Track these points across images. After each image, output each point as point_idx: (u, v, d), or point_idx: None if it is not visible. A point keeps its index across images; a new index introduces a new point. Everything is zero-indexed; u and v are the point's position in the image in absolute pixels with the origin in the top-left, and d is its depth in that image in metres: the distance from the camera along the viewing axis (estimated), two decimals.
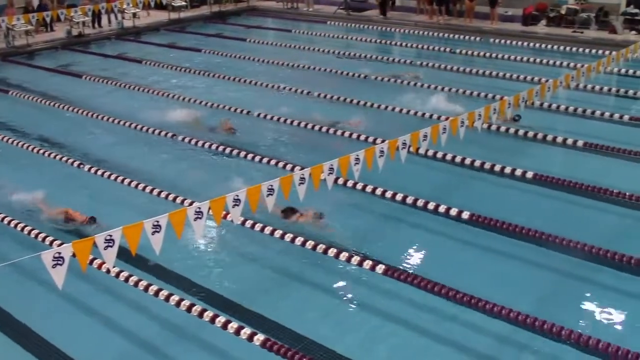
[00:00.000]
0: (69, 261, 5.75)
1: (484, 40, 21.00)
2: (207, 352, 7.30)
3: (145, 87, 16.93)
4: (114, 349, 7.41)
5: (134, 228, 6.17)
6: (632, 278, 8.26)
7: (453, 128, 9.41)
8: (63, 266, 5.70)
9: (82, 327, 7.80)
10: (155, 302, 7.87)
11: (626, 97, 15.40)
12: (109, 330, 7.70)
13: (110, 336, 7.59)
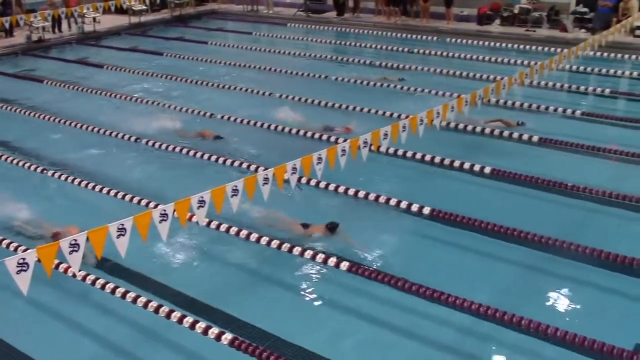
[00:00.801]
0: (33, 267, 5.63)
1: (441, 39, 21.17)
2: (176, 352, 7.21)
3: (107, 91, 16.67)
4: (83, 353, 7.28)
5: (99, 232, 6.07)
6: (587, 267, 8.40)
7: (412, 126, 9.46)
8: (27, 272, 5.58)
9: (50, 331, 7.65)
10: (123, 304, 7.76)
11: (578, 93, 15.68)
12: (77, 334, 7.57)
13: (78, 340, 7.47)
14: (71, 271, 7.74)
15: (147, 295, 7.78)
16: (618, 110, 14.84)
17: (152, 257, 8.78)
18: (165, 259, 8.92)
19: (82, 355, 7.27)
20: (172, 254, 9.06)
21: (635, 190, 10.03)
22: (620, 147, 11.86)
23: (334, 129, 12.98)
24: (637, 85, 16.63)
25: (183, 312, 7.43)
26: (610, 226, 9.67)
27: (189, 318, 7.32)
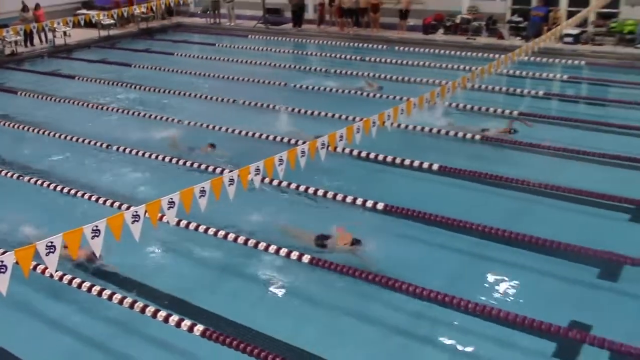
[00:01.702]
0: (11, 268, 5.51)
1: (390, 48, 21.31)
2: (152, 344, 7.17)
3: (79, 100, 16.39)
4: (61, 349, 7.18)
5: (74, 233, 5.97)
6: (525, 253, 8.57)
7: (365, 128, 9.52)
8: (6, 274, 5.45)
9: (29, 330, 7.54)
10: (99, 301, 7.66)
11: (514, 95, 15.98)
12: (55, 331, 7.47)
13: (57, 337, 7.39)
14: (48, 272, 7.59)
15: (121, 292, 7.69)
16: (551, 109, 15.16)
17: (126, 256, 8.64)
18: (138, 258, 8.80)
19: (60, 351, 7.17)
20: (144, 252, 8.96)
21: (567, 182, 10.26)
22: (554, 144, 12.12)
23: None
24: (567, 87, 17.04)
25: (156, 307, 7.36)
26: (545, 215, 9.87)
27: (162, 312, 7.25)
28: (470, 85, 12.84)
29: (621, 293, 7.81)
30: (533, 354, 6.84)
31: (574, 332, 6.76)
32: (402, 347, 7.08)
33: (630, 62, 18.36)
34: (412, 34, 22.74)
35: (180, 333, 7.04)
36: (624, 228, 9.35)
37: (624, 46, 19.32)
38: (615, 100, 15.52)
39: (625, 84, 16.51)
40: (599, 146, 11.90)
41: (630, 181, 10.78)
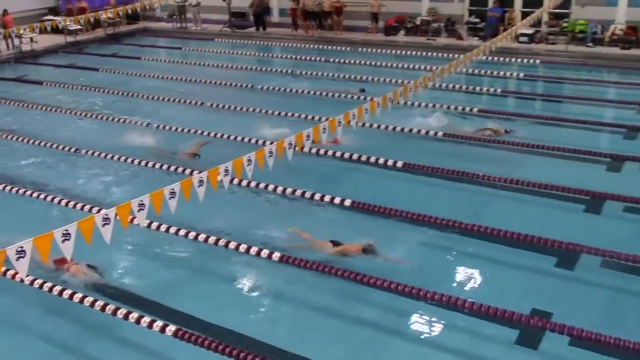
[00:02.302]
0: None
1: (353, 49, 21.35)
2: (125, 346, 7.05)
3: (47, 105, 16.05)
4: (34, 355, 7.04)
5: (44, 238, 5.83)
6: (488, 245, 8.65)
7: (332, 127, 9.51)
8: None
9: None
10: (70, 304, 7.50)
11: (473, 93, 16.14)
12: (26, 336, 7.32)
13: (28, 342, 7.23)
14: (19, 277, 7.41)
15: (93, 295, 7.56)
16: (508, 106, 15.35)
17: (97, 259, 8.49)
18: (110, 260, 8.65)
19: (32, 357, 7.03)
20: (116, 255, 8.81)
21: (527, 176, 10.39)
22: (513, 139, 12.27)
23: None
24: (523, 85, 17.28)
25: (128, 309, 7.24)
26: (505, 208, 9.99)
27: (134, 314, 7.13)
28: (432, 84, 12.92)
29: (578, 281, 7.95)
30: (497, 342, 6.91)
31: (536, 320, 6.84)
32: (372, 340, 7.09)
33: (582, 60, 18.71)
34: (375, 35, 22.81)
35: (152, 334, 6.93)
36: (580, 218, 9.51)
37: (575, 45, 19.67)
38: (569, 96, 15.79)
39: (577, 81, 16.81)
40: (555, 141, 12.09)
41: (584, 173, 10.98)
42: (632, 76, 17.03)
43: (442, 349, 6.82)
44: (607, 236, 8.71)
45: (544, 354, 6.68)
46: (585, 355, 6.54)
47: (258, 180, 10.21)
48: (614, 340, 6.41)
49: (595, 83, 16.76)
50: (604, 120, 13.57)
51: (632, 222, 9.25)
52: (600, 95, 15.62)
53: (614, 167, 11.12)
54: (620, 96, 15.68)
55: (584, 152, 11.54)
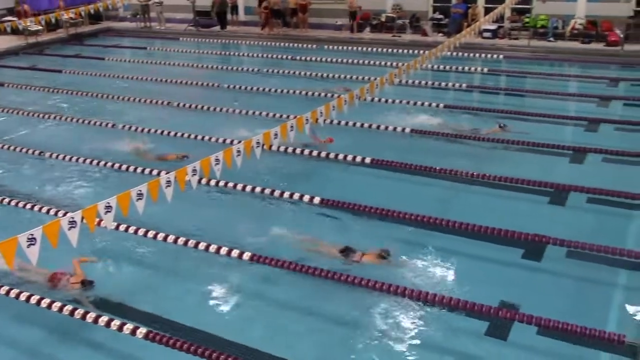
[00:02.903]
0: None
1: (320, 47, 21.35)
2: (95, 350, 6.94)
3: (9, 108, 15.71)
4: None
5: (9, 243, 5.69)
6: (457, 239, 8.74)
7: (299, 125, 9.49)
8: None
9: None
10: (38, 310, 7.36)
11: (439, 89, 16.28)
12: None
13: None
14: None
15: (61, 299, 7.42)
16: (473, 101, 15.53)
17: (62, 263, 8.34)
18: None
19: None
20: None
21: (493, 170, 10.52)
22: (478, 134, 12.41)
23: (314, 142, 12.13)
24: (487, 80, 17.49)
25: (98, 312, 7.16)
26: (472, 202, 10.10)
27: (104, 317, 7.04)
28: (398, 80, 12.98)
29: (545, 272, 8.07)
30: (468, 334, 6.98)
31: (504, 311, 6.93)
32: (344, 336, 7.09)
33: (544, 54, 19.03)
34: (341, 33, 22.84)
35: (123, 337, 6.84)
36: (545, 210, 9.67)
37: (537, 39, 20.00)
38: (532, 90, 16.03)
39: (540, 75, 17.09)
40: (519, 134, 12.27)
41: (548, 166, 11.16)
42: (592, 70, 17.40)
43: (414, 343, 6.86)
44: (571, 227, 8.88)
45: (513, 344, 6.78)
46: (553, 344, 6.65)
47: (228, 180, 10.15)
48: (580, 328, 6.54)
49: (556, 77, 17.07)
50: (566, 114, 13.80)
51: (596, 212, 9.43)
52: (562, 89, 15.90)
53: (576, 159, 11.34)
54: (581, 89, 15.99)
55: (548, 145, 11.73)
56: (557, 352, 6.59)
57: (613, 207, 9.44)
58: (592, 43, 19.37)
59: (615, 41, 18.72)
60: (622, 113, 14.00)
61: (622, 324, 6.85)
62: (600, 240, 8.14)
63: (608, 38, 19.00)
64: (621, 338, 6.33)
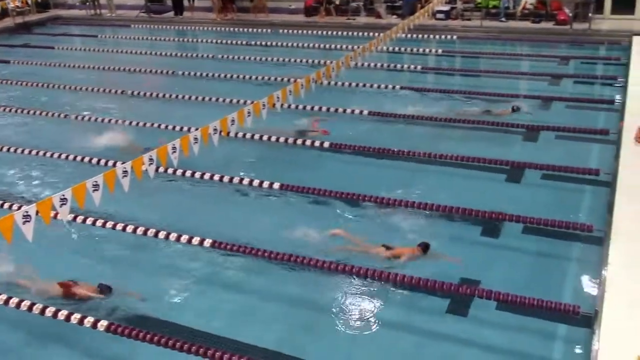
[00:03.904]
0: None
1: (274, 31, 21.18)
2: (61, 344, 6.86)
3: None
4: None
5: None
6: (418, 219, 8.82)
7: (256, 110, 9.42)
8: None
9: None
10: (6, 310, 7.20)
11: (395, 71, 16.36)
12: None
13: None
14: None
15: (32, 299, 7.25)
16: (428, 82, 15.65)
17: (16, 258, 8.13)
18: (34, 259, 8.29)
19: None
20: (39, 252, 8.44)
21: (450, 150, 10.64)
22: (435, 115, 12.51)
23: (306, 132, 11.98)
24: (441, 61, 17.65)
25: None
26: (432, 182, 10.20)
27: (64, 311, 6.92)
28: (354, 63, 12.99)
29: (502, 248, 8.24)
30: (429, 312, 7.09)
31: (464, 288, 7.05)
32: (309, 320, 7.13)
33: (496, 34, 19.28)
34: (294, 16, 22.70)
35: (84, 330, 6.73)
36: (501, 188, 9.85)
37: (490, 20, 20.24)
38: (485, 70, 16.24)
39: (493, 55, 17.32)
40: (474, 114, 12.43)
41: (503, 144, 11.36)
42: (543, 49, 17.71)
43: (377, 323, 6.93)
44: (527, 203, 9.07)
45: (474, 320, 6.91)
46: (512, 318, 6.81)
47: (184, 168, 10.05)
48: (537, 301, 6.70)
49: (509, 57, 17.31)
50: (519, 92, 14.02)
51: (550, 188, 9.65)
52: (515, 68, 16.15)
53: (530, 137, 11.55)
54: (533, 68, 16.28)
55: (503, 124, 11.92)
56: (516, 325, 6.75)
57: (566, 183, 9.67)
58: (542, 22, 19.70)
59: (564, 20, 19.09)
60: (572, 91, 14.31)
61: (577, 296, 7.05)
62: (555, 215, 8.33)
63: (557, 17, 19.35)
64: (576, 309, 6.51)
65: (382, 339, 6.75)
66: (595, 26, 18.54)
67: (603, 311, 6.01)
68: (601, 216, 8.27)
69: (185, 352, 6.26)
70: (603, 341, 5.57)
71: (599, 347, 5.52)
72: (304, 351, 6.52)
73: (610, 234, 7.38)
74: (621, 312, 6.01)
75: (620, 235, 7.32)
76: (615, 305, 6.09)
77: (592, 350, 5.71)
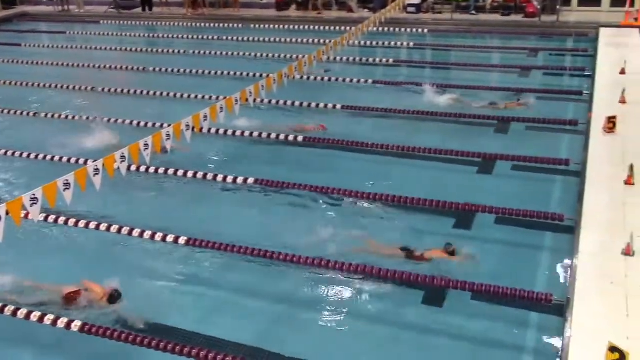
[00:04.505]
0: None
1: (246, 26, 21.05)
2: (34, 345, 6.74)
3: None
4: None
5: None
6: (391, 212, 8.86)
7: (229, 106, 9.36)
8: None
9: None
10: None
11: (367, 64, 16.39)
12: None
13: None
14: None
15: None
16: (401, 75, 15.71)
17: None
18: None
19: None
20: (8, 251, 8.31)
21: (422, 143, 10.70)
22: (408, 108, 12.57)
23: (304, 129, 11.79)
24: (413, 54, 17.73)
25: (29, 309, 6.90)
26: (404, 175, 10.25)
27: (37, 312, 6.81)
28: (326, 58, 12.99)
29: (475, 239, 8.30)
30: (405, 304, 7.13)
31: (439, 279, 7.10)
32: (284, 315, 7.13)
33: (467, 27, 19.43)
34: (266, 11, 22.59)
35: (59, 331, 6.65)
36: (473, 180, 9.94)
37: (460, 13, 20.38)
38: (457, 63, 16.35)
39: (464, 48, 17.46)
40: (447, 106, 12.52)
41: (474, 136, 11.45)
42: (513, 41, 17.91)
43: (352, 315, 6.95)
44: (499, 194, 9.18)
45: (449, 310, 6.98)
46: (487, 307, 6.89)
47: (156, 165, 9.96)
48: (510, 290, 6.79)
49: (479, 49, 17.46)
50: (489, 85, 14.15)
51: (521, 179, 9.77)
52: (485, 60, 16.31)
53: (501, 129, 11.67)
54: (503, 61, 16.45)
55: (473, 116, 12.02)
56: (490, 314, 6.83)
57: (537, 173, 9.80)
58: (511, 15, 19.90)
59: (532, 12, 19.30)
60: (541, 82, 14.49)
61: (549, 284, 7.15)
62: (527, 205, 8.44)
63: (526, 10, 19.55)
64: (549, 297, 6.61)
65: (357, 330, 6.78)
66: (563, 18, 18.80)
67: (574, 299, 6.11)
68: (572, 205, 8.39)
69: (162, 351, 6.22)
70: (575, 328, 5.67)
71: (571, 334, 5.61)
72: (278, 344, 6.51)
73: (581, 223, 7.50)
74: (592, 299, 6.12)
75: (590, 224, 7.45)
76: (587, 292, 6.20)
77: (564, 337, 5.80)
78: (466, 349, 6.46)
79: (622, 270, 6.42)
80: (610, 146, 9.58)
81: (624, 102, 11.03)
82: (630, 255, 6.59)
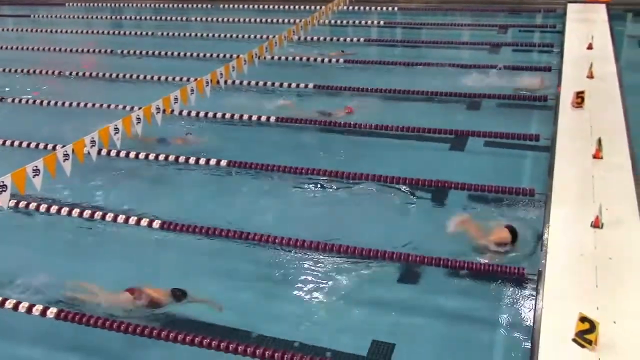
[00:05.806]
0: None
1: (215, 7, 20.76)
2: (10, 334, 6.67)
3: None
4: None
5: None
6: (367, 189, 8.90)
7: (199, 88, 9.28)
8: None
9: None
10: None
11: (338, 44, 16.29)
12: None
13: None
14: None
15: None
16: (371, 54, 15.67)
17: None
18: None
19: None
20: None
21: (394, 121, 10.71)
22: (378, 86, 12.55)
23: (330, 114, 11.49)
24: (385, 33, 17.69)
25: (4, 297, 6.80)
26: (378, 153, 10.28)
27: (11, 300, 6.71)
28: (297, 37, 12.90)
29: (449, 215, 8.36)
30: (380, 282, 7.19)
31: (414, 257, 7.15)
32: (261, 294, 7.14)
33: (437, 4, 19.42)
34: None
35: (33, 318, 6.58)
36: (446, 156, 10.01)
37: None
38: (427, 40, 16.36)
39: (434, 25, 17.47)
40: (418, 84, 12.54)
41: (446, 113, 11.51)
42: (482, 18, 17.95)
43: (328, 293, 6.99)
44: (471, 171, 9.25)
45: (424, 287, 7.08)
46: (462, 283, 6.98)
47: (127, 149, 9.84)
48: (484, 265, 6.90)
49: (450, 27, 17.48)
50: (460, 62, 14.20)
51: (492, 155, 9.87)
52: (455, 37, 16.33)
53: (473, 106, 11.75)
54: (474, 38, 16.49)
55: (446, 94, 12.06)
56: (466, 290, 6.92)
57: (508, 149, 9.91)
58: None
59: None
60: (511, 58, 14.57)
61: (522, 259, 7.25)
62: (499, 181, 8.52)
63: None
64: (521, 271, 6.71)
65: (333, 309, 6.81)
66: None
67: (546, 271, 6.21)
68: (542, 180, 8.50)
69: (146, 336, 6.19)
70: (547, 300, 5.76)
71: (543, 305, 5.70)
72: (253, 323, 6.51)
73: (551, 197, 7.60)
74: (564, 272, 6.22)
75: (560, 197, 7.55)
76: (557, 264, 6.30)
77: (536, 309, 5.91)
78: (441, 324, 6.55)
79: (591, 242, 6.53)
80: (578, 121, 9.69)
81: (592, 76, 11.15)
82: (599, 227, 6.70)
